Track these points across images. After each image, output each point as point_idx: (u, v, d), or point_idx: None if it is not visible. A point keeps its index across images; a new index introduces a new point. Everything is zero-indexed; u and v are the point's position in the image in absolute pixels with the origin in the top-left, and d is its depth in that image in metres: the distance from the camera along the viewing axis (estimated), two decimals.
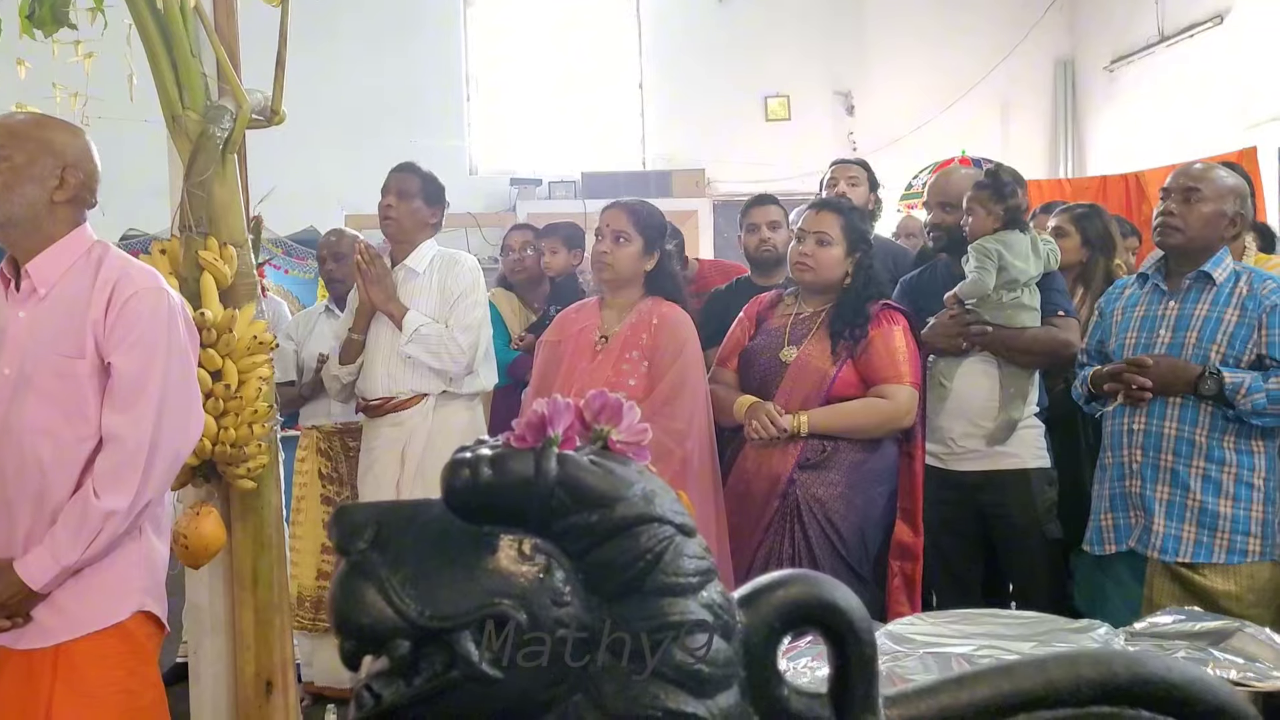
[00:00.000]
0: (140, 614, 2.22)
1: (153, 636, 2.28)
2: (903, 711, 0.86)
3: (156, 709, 2.26)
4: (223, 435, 2.73)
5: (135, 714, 2.20)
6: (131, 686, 2.20)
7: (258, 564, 2.91)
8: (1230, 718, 0.87)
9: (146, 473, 2.13)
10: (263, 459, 2.83)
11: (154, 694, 2.26)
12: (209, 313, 2.71)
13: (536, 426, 0.77)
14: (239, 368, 2.76)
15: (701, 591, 0.78)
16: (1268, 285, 2.78)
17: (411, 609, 0.73)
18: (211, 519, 2.73)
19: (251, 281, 2.90)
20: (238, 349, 2.76)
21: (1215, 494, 2.75)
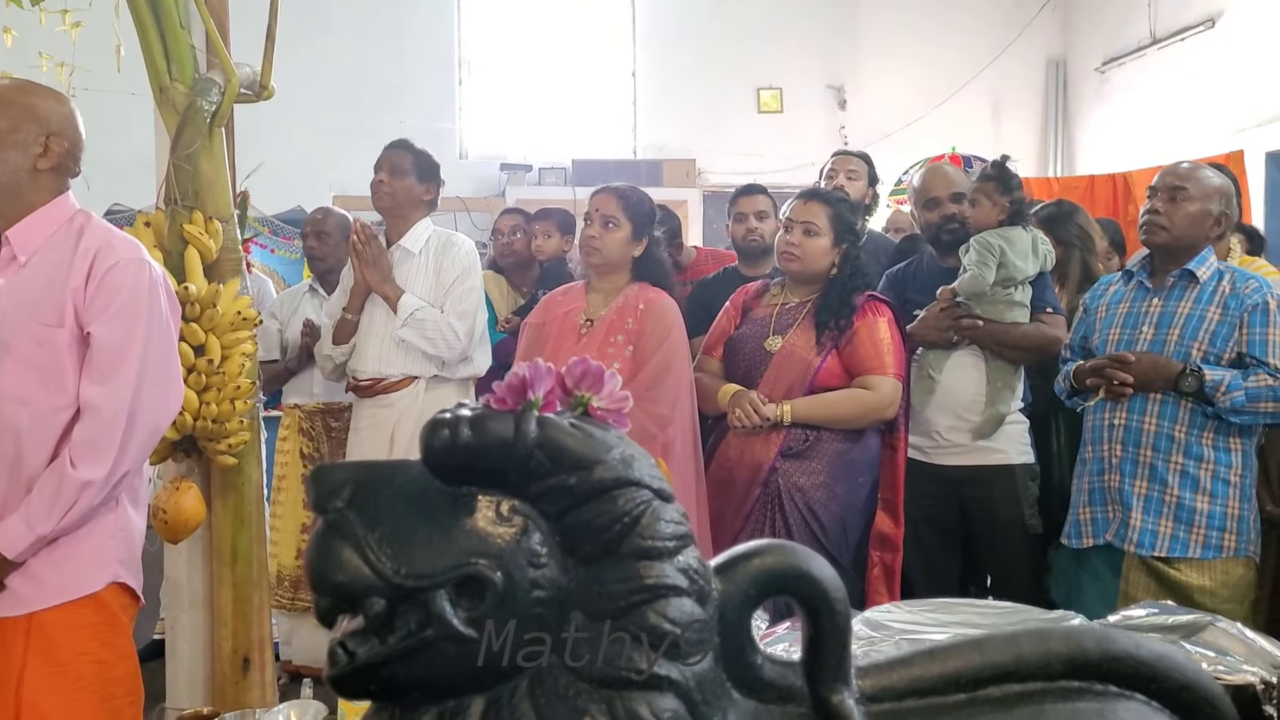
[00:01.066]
0: (115, 585, 2.21)
1: (127, 608, 2.27)
2: (875, 682, 0.86)
3: (129, 680, 2.25)
4: (204, 410, 2.72)
5: (108, 685, 2.19)
6: (104, 657, 2.19)
7: (237, 540, 2.90)
8: (1196, 694, 0.88)
9: (124, 444, 2.11)
10: (244, 435, 2.82)
11: (127, 665, 2.25)
12: (193, 287, 2.70)
13: (516, 389, 0.77)
14: (222, 343, 2.76)
15: (678, 556, 0.79)
16: (1250, 285, 2.80)
17: (387, 567, 0.74)
18: (191, 494, 2.73)
19: (237, 257, 2.89)
20: (221, 324, 2.75)
21: (1193, 490, 2.78)
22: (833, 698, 0.83)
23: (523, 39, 8.10)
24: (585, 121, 8.09)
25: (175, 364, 2.30)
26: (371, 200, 3.52)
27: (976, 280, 3.10)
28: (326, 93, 7.10)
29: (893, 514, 3.03)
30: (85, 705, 2.16)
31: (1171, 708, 0.87)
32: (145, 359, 2.15)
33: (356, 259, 3.39)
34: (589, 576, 0.78)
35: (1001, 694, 0.86)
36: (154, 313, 2.18)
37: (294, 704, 1.97)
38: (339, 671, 0.76)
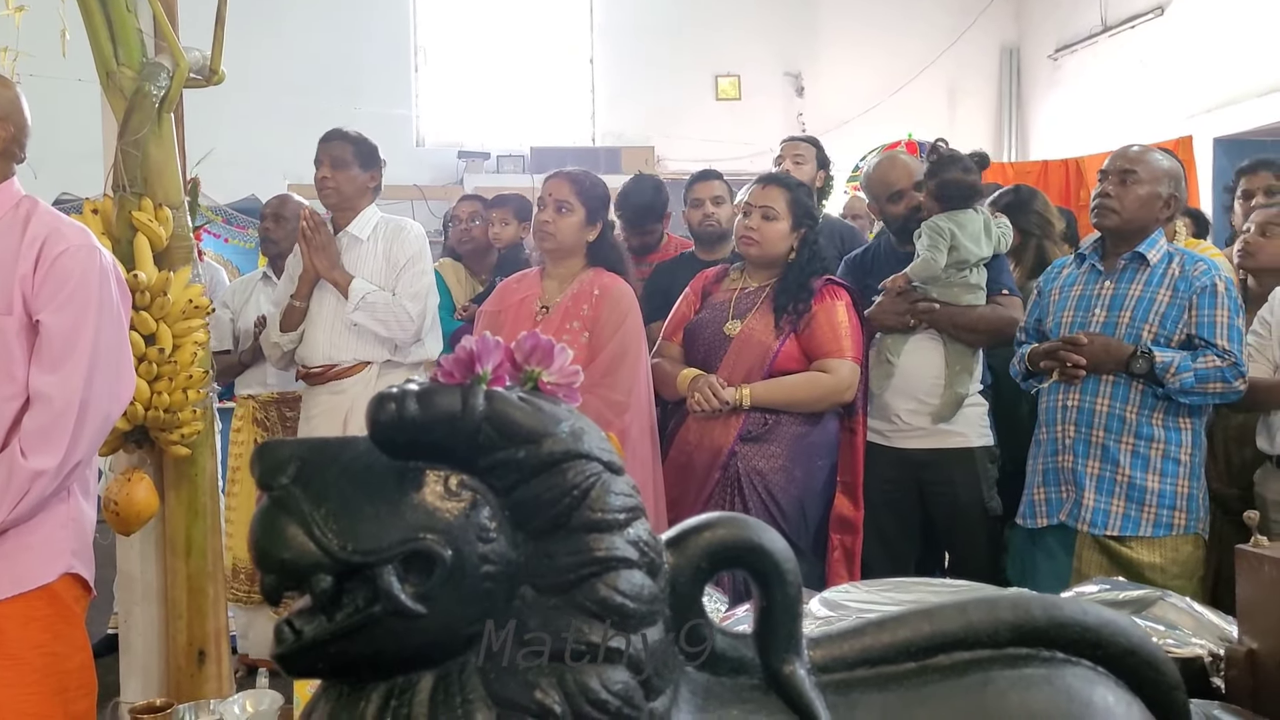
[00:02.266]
0: (67, 576, 2.18)
1: (80, 600, 2.24)
2: (826, 652, 0.87)
3: (83, 672, 2.22)
4: (156, 400, 2.68)
5: (61, 677, 2.17)
6: (57, 649, 2.16)
7: (191, 532, 2.86)
8: (1140, 659, 0.90)
9: (75, 433, 2.08)
10: (197, 425, 2.78)
11: (81, 657, 2.22)
12: (143, 275, 2.66)
13: (464, 363, 0.77)
14: (174, 332, 2.72)
15: (628, 528, 0.79)
16: (1199, 267, 2.84)
17: (334, 543, 0.73)
18: (143, 486, 2.69)
19: (188, 244, 2.84)
20: (172, 313, 2.71)
21: (1143, 469, 2.82)
22: (784, 668, 0.83)
23: (480, 25, 8.04)
24: (544, 109, 8.06)
25: (127, 352, 2.27)
26: (319, 197, 3.49)
27: (929, 265, 3.12)
28: (280, 79, 7.01)
29: (852, 497, 3.05)
30: (38, 698, 2.13)
31: (1117, 672, 0.89)
32: (96, 347, 2.11)
33: (305, 245, 3.36)
34: (538, 550, 0.77)
35: (951, 662, 0.87)
36: (105, 300, 2.15)
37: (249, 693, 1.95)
38: (286, 650, 0.75)
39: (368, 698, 0.76)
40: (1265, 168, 3.88)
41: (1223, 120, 6.20)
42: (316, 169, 3.42)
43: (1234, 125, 6.12)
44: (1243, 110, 6.08)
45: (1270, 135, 5.90)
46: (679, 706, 0.80)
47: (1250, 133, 5.99)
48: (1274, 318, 3.01)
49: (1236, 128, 6.10)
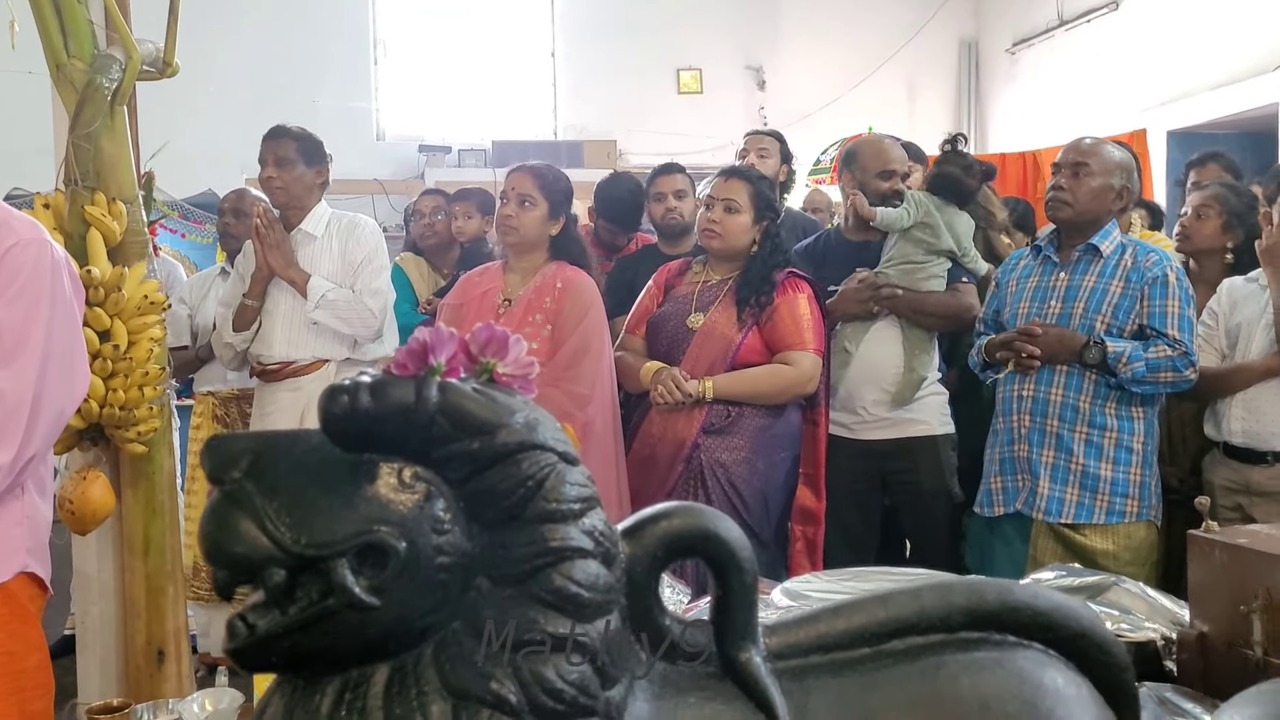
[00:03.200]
0: (23, 575, 2.14)
1: (36, 599, 2.20)
2: (782, 639, 0.88)
3: (40, 672, 2.19)
4: (111, 398, 2.65)
5: (17, 677, 2.13)
6: (13, 648, 2.12)
7: (150, 530, 2.83)
8: (1091, 642, 0.92)
9: (29, 429, 2.05)
10: (154, 422, 2.75)
11: (37, 657, 2.19)
12: (96, 270, 2.62)
13: (418, 354, 0.76)
14: (129, 328, 2.68)
15: (583, 519, 0.79)
16: (1150, 258, 2.89)
17: (286, 537, 0.72)
18: (99, 484, 2.65)
19: (142, 239, 2.80)
20: (127, 308, 2.68)
21: (1097, 458, 2.86)
22: (740, 655, 0.84)
23: (440, 18, 7.99)
24: (505, 102, 8.03)
25: (80, 346, 2.23)
26: (267, 197, 3.46)
27: (899, 218, 3.16)
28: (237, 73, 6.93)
29: (814, 488, 3.08)
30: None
31: (1067, 655, 0.90)
32: (49, 341, 2.08)
33: (259, 243, 3.32)
34: (493, 542, 0.77)
35: (905, 646, 0.88)
36: (57, 293, 2.11)
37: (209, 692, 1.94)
38: (239, 644, 0.75)
39: (322, 691, 0.75)
40: (1214, 160, 3.96)
41: (1176, 113, 6.30)
42: (261, 168, 3.38)
43: (1187, 119, 6.22)
44: (1195, 104, 6.18)
45: (1222, 128, 6.00)
46: (635, 695, 0.81)
47: (1203, 125, 6.09)
48: (1221, 308, 3.07)
49: (1189, 121, 6.20)
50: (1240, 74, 5.84)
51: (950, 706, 0.84)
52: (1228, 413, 2.93)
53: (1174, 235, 3.37)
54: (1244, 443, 2.90)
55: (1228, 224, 3.25)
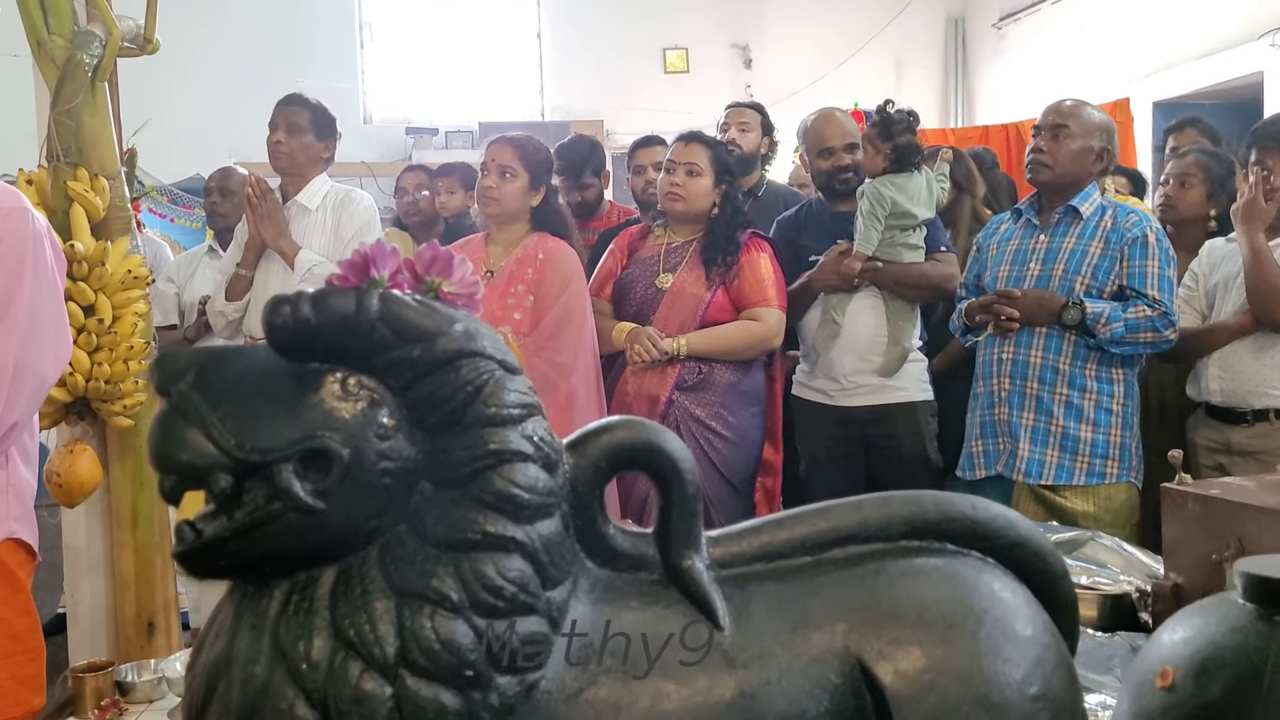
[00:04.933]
0: (10, 541, 2.16)
1: (24, 565, 2.22)
2: (725, 549, 0.90)
3: (30, 637, 2.21)
4: (97, 371, 2.66)
5: (9, 641, 2.15)
6: (2, 614, 2.14)
7: (138, 503, 2.85)
8: (1028, 550, 0.94)
9: (11, 396, 2.06)
10: (140, 396, 2.76)
11: (27, 621, 2.21)
12: (80, 245, 2.63)
13: (359, 267, 0.78)
14: (113, 302, 2.69)
15: (523, 424, 0.81)
16: (1130, 219, 2.90)
17: (231, 443, 0.74)
18: (86, 457, 2.67)
19: (126, 215, 2.81)
20: (111, 283, 2.68)
21: (1076, 419, 2.88)
22: (682, 562, 0.86)
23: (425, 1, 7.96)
24: (492, 84, 8.01)
25: (62, 315, 2.25)
26: (269, 160, 3.45)
27: (864, 245, 3.17)
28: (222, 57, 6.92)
29: (773, 441, 3.20)
30: None
31: (1005, 563, 0.92)
32: (31, 309, 2.09)
33: (251, 213, 3.33)
34: (436, 447, 0.79)
35: (845, 555, 0.90)
36: (39, 262, 2.12)
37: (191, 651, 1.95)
38: (186, 548, 0.77)
39: (270, 595, 0.77)
40: (1192, 125, 3.97)
41: (1161, 84, 6.30)
42: (271, 132, 3.38)
43: (1172, 89, 6.23)
44: (1180, 74, 6.19)
45: (1208, 98, 6.01)
46: (578, 598, 0.83)
47: (1188, 96, 6.09)
48: (1201, 269, 3.09)
49: (1174, 91, 6.20)
50: (1225, 42, 5.84)
51: (888, 608, 0.86)
52: (1205, 373, 2.96)
53: (1157, 205, 3.38)
54: (1223, 402, 2.92)
55: (1211, 192, 3.27)
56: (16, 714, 2.07)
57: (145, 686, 2.10)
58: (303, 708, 0.74)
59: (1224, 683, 0.86)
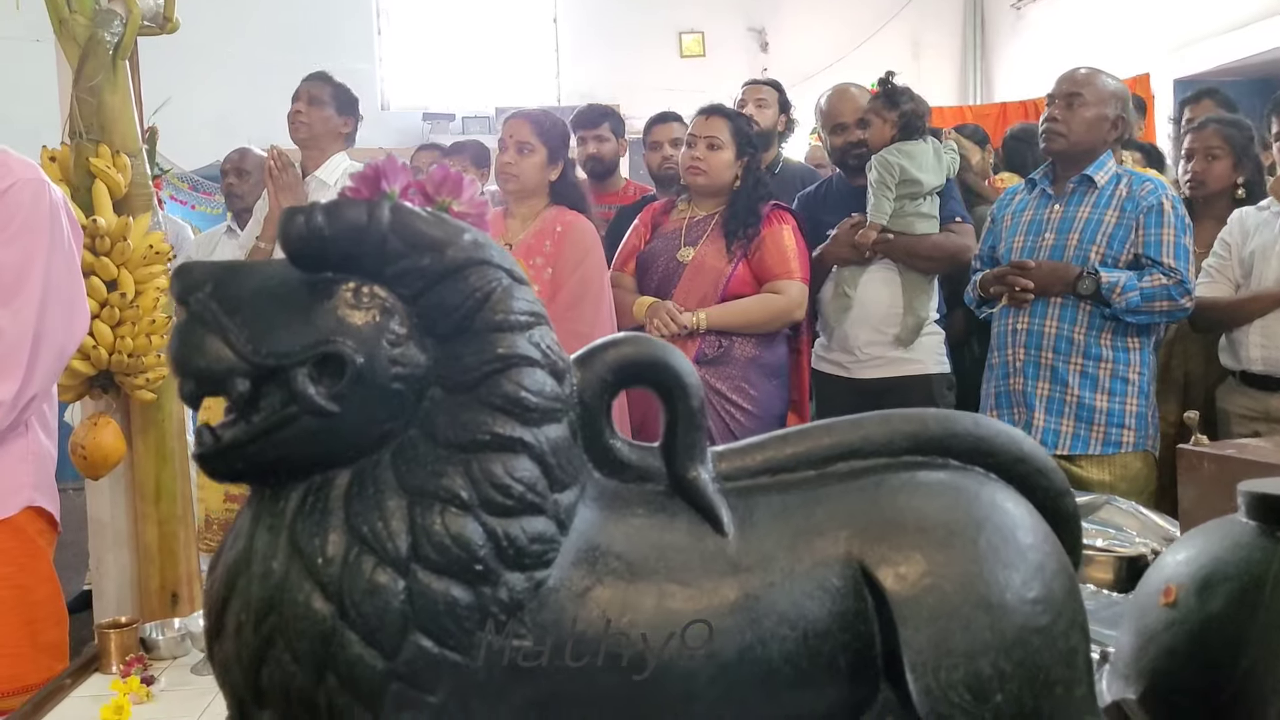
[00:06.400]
0: (30, 510, 2.20)
1: (44, 533, 2.26)
2: (730, 464, 0.91)
3: (51, 603, 2.25)
4: (120, 345, 2.69)
5: (29, 609, 2.19)
6: (24, 581, 2.18)
7: (160, 477, 2.88)
8: (1030, 466, 0.95)
9: (30, 366, 2.09)
10: (162, 370, 2.79)
11: (48, 589, 2.24)
12: (102, 220, 2.66)
13: (370, 180, 0.80)
14: (135, 277, 2.71)
15: (530, 331, 0.83)
16: (1146, 187, 2.89)
17: (248, 348, 0.76)
18: (110, 430, 2.70)
19: (147, 192, 2.84)
20: (133, 258, 2.71)
21: (1092, 389, 2.88)
22: (688, 474, 0.88)
23: None
24: (508, 69, 8.03)
25: (79, 285, 2.28)
26: (289, 132, 3.49)
27: (876, 215, 3.17)
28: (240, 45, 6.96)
29: (799, 412, 3.20)
30: (6, 629, 2.15)
31: (1008, 479, 0.93)
32: (48, 279, 2.12)
33: (272, 184, 3.37)
34: (446, 353, 0.81)
35: (848, 469, 0.92)
36: (56, 233, 2.15)
37: None
38: (206, 450, 0.79)
39: (287, 496, 0.80)
40: (1208, 96, 3.94)
41: (1182, 61, 6.26)
42: (293, 104, 3.43)
43: (1193, 66, 6.18)
44: (1201, 50, 6.14)
45: (1229, 75, 5.96)
46: (585, 504, 0.85)
47: (1209, 73, 6.05)
48: (1233, 238, 3.07)
49: (1196, 68, 6.16)
50: (1247, 18, 5.80)
51: (890, 516, 0.87)
52: (1245, 340, 2.94)
53: (1184, 181, 3.34)
54: (1264, 369, 2.91)
55: (1236, 160, 3.25)
56: (39, 680, 2.10)
57: (169, 644, 2.13)
58: (319, 600, 0.76)
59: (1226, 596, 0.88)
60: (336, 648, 0.76)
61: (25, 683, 2.08)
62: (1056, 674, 0.84)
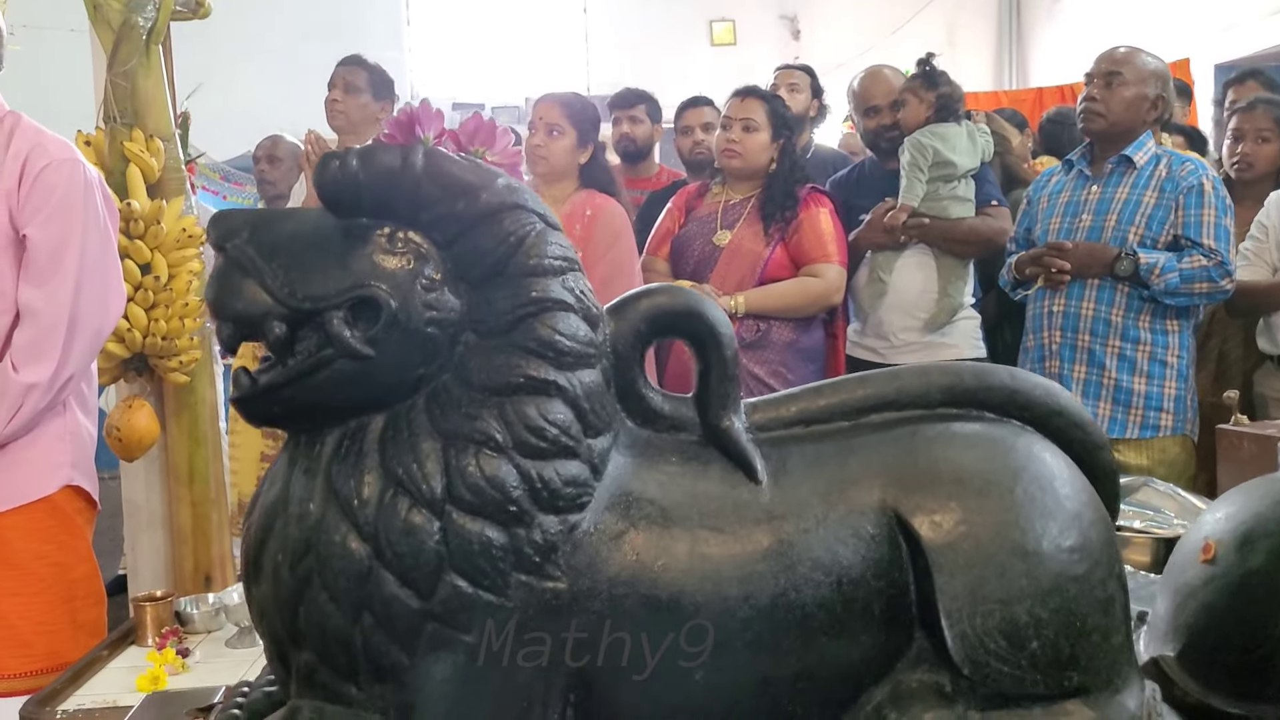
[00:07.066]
0: (68, 488, 2.22)
1: (83, 511, 2.28)
2: (763, 415, 0.91)
3: (89, 582, 2.27)
4: (154, 328, 2.71)
5: (67, 586, 2.21)
6: (62, 559, 2.20)
7: (194, 459, 2.90)
8: (1067, 419, 0.94)
9: (66, 346, 2.11)
10: (195, 353, 2.82)
11: (86, 567, 2.27)
12: (136, 204, 2.69)
13: (405, 125, 0.81)
14: (169, 260, 2.74)
15: (564, 275, 0.83)
16: (1186, 167, 2.84)
17: (284, 291, 0.77)
18: (144, 412, 2.73)
19: (180, 176, 2.87)
20: (166, 241, 2.74)
21: (1130, 372, 2.83)
22: (721, 423, 0.87)
23: None
24: (538, 59, 8.04)
25: (115, 265, 2.29)
26: (326, 119, 3.51)
27: (908, 197, 3.14)
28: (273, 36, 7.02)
29: None
30: (45, 606, 2.18)
31: (1044, 432, 0.92)
32: (84, 260, 2.13)
33: (308, 167, 3.38)
34: (479, 298, 0.81)
35: (882, 420, 0.91)
36: (90, 213, 2.16)
37: None
38: (242, 394, 0.80)
39: (323, 441, 0.80)
40: (1253, 77, 3.88)
41: (1223, 46, 6.17)
42: (329, 90, 3.45)
43: (1234, 50, 6.09)
44: (1243, 34, 6.05)
45: (1271, 60, 5.86)
46: (619, 451, 0.84)
47: (1251, 58, 5.95)
48: (1270, 221, 3.01)
49: (1237, 53, 6.07)
50: None
51: (925, 466, 0.86)
52: None
53: (1231, 163, 3.29)
54: None
55: None
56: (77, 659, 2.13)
57: (204, 618, 2.15)
58: (355, 541, 0.77)
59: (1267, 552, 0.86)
60: (373, 587, 0.77)
61: (64, 659, 2.10)
62: (1093, 621, 0.83)
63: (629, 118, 3.94)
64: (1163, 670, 0.92)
